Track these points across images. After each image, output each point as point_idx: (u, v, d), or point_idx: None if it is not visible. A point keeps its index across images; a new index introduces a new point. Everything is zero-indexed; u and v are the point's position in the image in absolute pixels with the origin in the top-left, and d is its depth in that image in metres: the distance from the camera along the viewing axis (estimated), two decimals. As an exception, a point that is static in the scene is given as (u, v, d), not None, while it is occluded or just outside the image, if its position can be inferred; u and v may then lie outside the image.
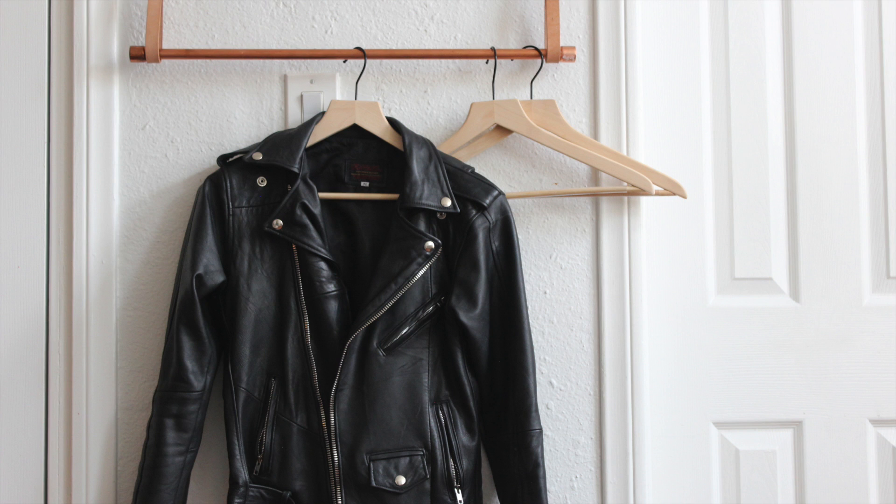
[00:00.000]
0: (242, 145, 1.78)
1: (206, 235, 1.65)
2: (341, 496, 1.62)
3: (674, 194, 1.75)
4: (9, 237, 1.75)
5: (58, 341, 1.75)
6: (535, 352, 1.73)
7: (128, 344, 1.76)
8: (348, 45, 1.80)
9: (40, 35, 1.77)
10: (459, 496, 1.64)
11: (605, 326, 1.80)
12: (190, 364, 1.63)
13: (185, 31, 1.79)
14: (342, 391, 1.63)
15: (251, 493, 1.63)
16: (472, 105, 1.75)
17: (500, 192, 1.69)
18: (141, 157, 1.78)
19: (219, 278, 1.65)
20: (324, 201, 1.69)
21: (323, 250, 1.64)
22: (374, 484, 1.62)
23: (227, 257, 1.66)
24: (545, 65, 1.80)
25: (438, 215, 1.66)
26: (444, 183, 1.66)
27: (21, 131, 1.76)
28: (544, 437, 1.72)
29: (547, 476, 1.70)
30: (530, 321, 1.71)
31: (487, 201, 1.66)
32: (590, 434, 1.80)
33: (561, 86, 1.82)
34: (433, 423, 1.65)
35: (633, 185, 1.74)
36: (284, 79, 1.79)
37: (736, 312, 1.88)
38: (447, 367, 1.67)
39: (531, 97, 1.80)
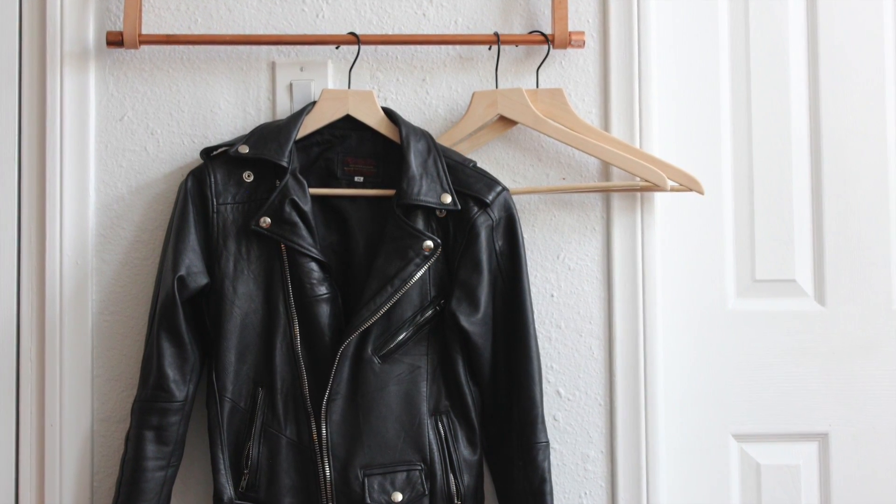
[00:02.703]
0: (227, 138, 1.78)
1: (189, 234, 1.65)
2: (333, 514, 1.63)
3: (690, 190, 1.75)
4: (-23, 236, 1.76)
5: (29, 347, 1.75)
6: (542, 359, 1.73)
7: (104, 350, 1.76)
8: (341, 30, 1.80)
9: (10, 19, 1.77)
10: (460, 513, 1.65)
11: (616, 332, 1.80)
12: (171, 372, 1.63)
13: (166, 14, 1.79)
14: (334, 401, 1.63)
15: (237, 511, 1.64)
16: (473, 94, 1.75)
17: (504, 188, 1.69)
18: (119, 151, 1.78)
19: (202, 280, 1.65)
20: (315, 198, 1.68)
21: (314, 250, 1.64)
22: (368, 501, 1.62)
23: (212, 258, 1.66)
24: (552, 51, 1.79)
25: (438, 213, 1.66)
26: (444, 178, 1.66)
27: (-11, 123, 1.77)
28: (551, 451, 1.73)
29: (554, 492, 1.69)
30: (536, 326, 1.70)
31: (490, 198, 1.66)
32: (600, 447, 1.80)
33: (569, 74, 1.82)
34: (432, 436, 1.65)
35: (646, 181, 1.74)
36: (272, 66, 1.79)
37: (757, 317, 1.88)
38: (447, 375, 1.68)
39: (537, 86, 1.79)
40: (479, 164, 1.72)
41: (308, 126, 1.70)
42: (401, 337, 1.65)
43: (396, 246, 1.64)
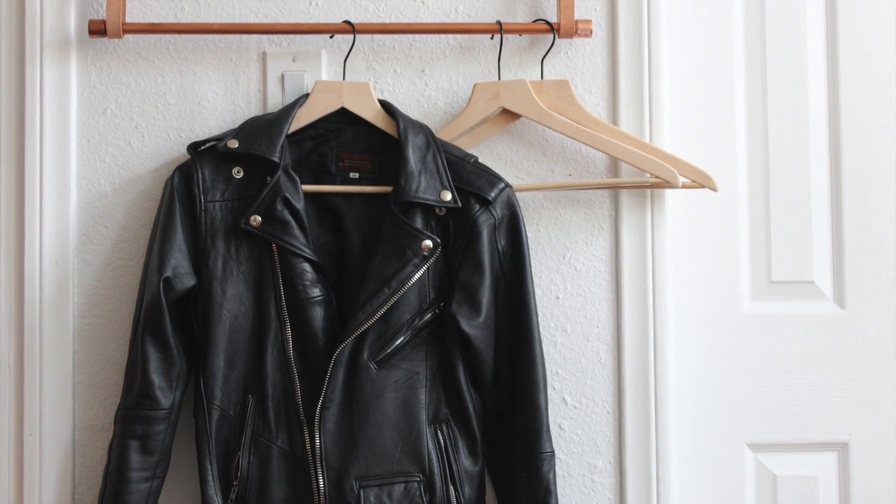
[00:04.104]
0: (216, 131, 1.77)
1: (175, 233, 1.65)
2: (327, 527, 1.62)
3: (703, 187, 1.75)
4: (-48, 235, 1.75)
5: (7, 352, 1.74)
6: (547, 365, 1.72)
7: (86, 356, 1.76)
8: (335, 18, 1.79)
9: (-13, 7, 1.75)
10: (461, 527, 1.65)
11: (625, 336, 1.79)
12: (157, 378, 1.62)
13: (151, 2, 1.78)
14: (329, 409, 1.63)
15: (225, 524, 1.63)
16: (475, 86, 1.75)
17: (507, 185, 1.68)
18: (101, 145, 1.77)
19: (189, 282, 1.64)
20: (308, 195, 1.68)
21: (307, 250, 1.64)
22: (364, 514, 1.64)
23: (199, 258, 1.66)
24: (558, 41, 1.79)
25: (437, 211, 1.66)
26: (444, 174, 1.65)
27: (-35, 116, 1.76)
28: (557, 461, 1.71)
29: (560, 505, 1.71)
30: (541, 330, 1.70)
31: (492, 195, 1.66)
32: (608, 458, 1.79)
33: (575, 64, 1.82)
34: (431, 446, 1.65)
35: (656, 177, 1.73)
36: (263, 56, 1.79)
37: (773, 320, 1.88)
38: (447, 381, 1.67)
39: (542, 77, 1.79)
40: (480, 160, 1.72)
41: (301, 119, 1.69)
42: (398, 341, 1.65)
43: (394, 245, 1.63)
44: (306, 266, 1.64)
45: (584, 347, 1.80)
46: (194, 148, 1.69)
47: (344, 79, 1.75)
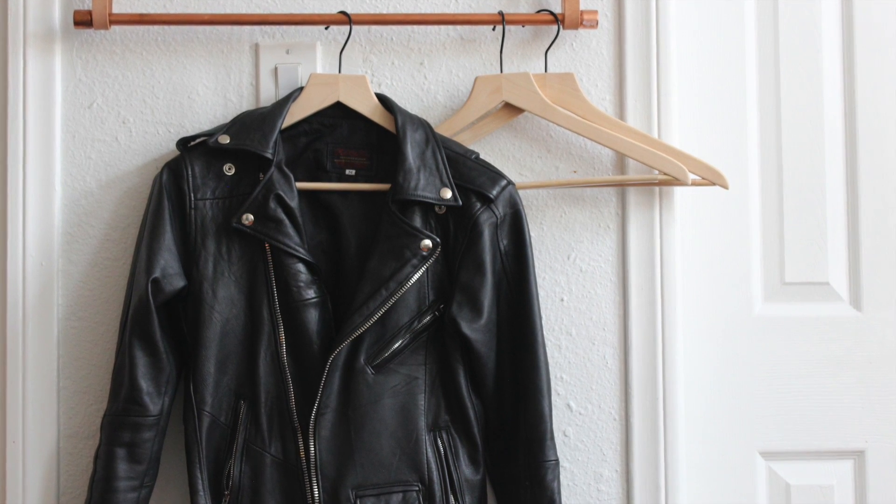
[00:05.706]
0: (206, 127, 1.78)
1: (164, 233, 1.64)
2: (323, 538, 1.62)
3: (713, 184, 1.75)
4: (-68, 235, 1.74)
5: (-11, 357, 1.73)
6: (551, 369, 1.72)
7: (71, 360, 1.76)
8: (331, 8, 1.79)
9: (-32, -3, 1.74)
10: (461, 537, 1.64)
11: (632, 339, 1.79)
12: (145, 384, 1.62)
13: (139, -9, 1.77)
14: (324, 415, 1.63)
15: (216, 535, 1.63)
16: (476, 79, 1.75)
17: (510, 182, 1.68)
18: (87, 141, 1.77)
19: (178, 283, 1.64)
20: (302, 192, 1.68)
21: (301, 250, 1.63)
22: (361, 524, 1.62)
23: (189, 258, 1.66)
24: (562, 32, 1.79)
25: (437, 209, 1.66)
26: (444, 171, 1.65)
27: (-54, 110, 1.75)
28: (561, 470, 1.72)
29: (564, 515, 1.69)
30: (545, 333, 1.69)
31: (494, 192, 1.65)
32: (615, 466, 1.79)
33: (581, 57, 1.82)
34: (430, 453, 1.65)
35: (665, 174, 1.73)
36: (256, 48, 1.79)
37: (786, 323, 1.88)
38: (447, 387, 1.67)
39: (546, 70, 1.79)
40: (482, 156, 1.72)
41: (295, 114, 1.69)
42: (396, 345, 1.65)
43: (391, 245, 1.63)
44: (300, 267, 1.63)
45: (589, 351, 1.80)
46: (184, 144, 1.69)
47: (340, 72, 1.75)
